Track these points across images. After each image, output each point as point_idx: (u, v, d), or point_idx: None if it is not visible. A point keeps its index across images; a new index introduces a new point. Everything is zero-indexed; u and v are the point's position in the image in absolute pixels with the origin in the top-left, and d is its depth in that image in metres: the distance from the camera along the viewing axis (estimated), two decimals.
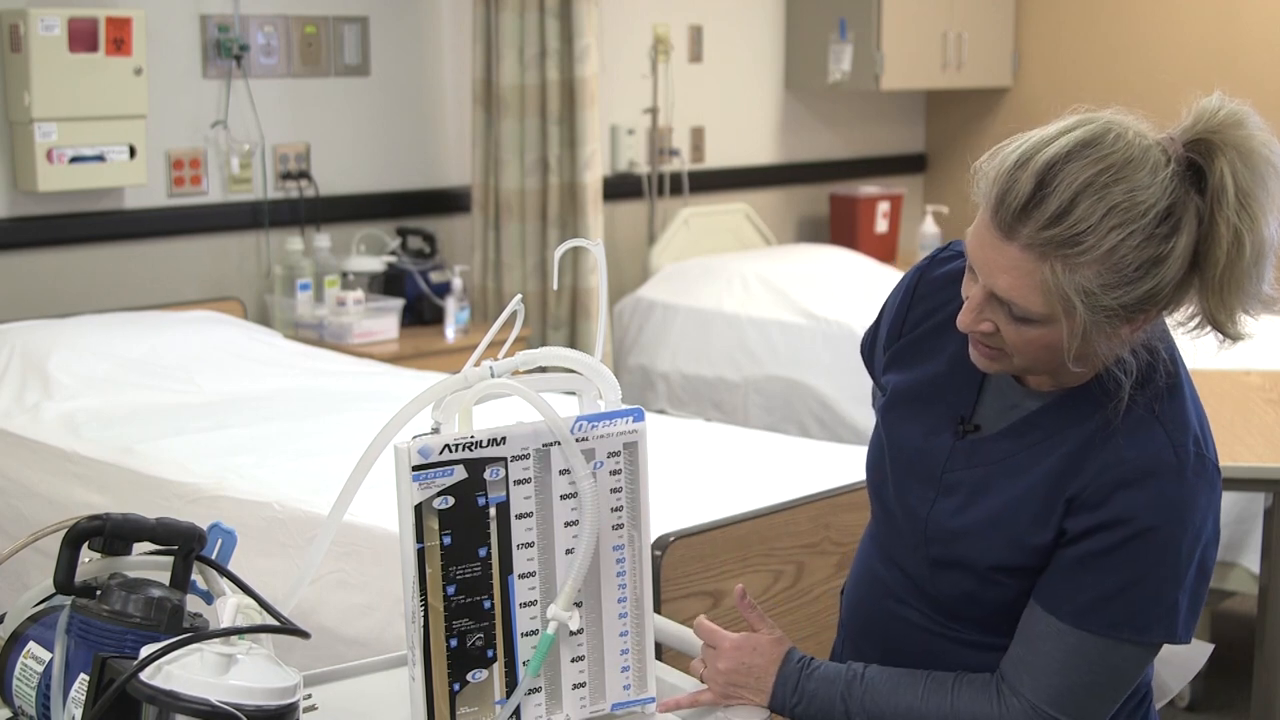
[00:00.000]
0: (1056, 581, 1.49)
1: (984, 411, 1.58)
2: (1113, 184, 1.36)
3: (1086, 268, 1.37)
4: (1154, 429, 1.46)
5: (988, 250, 1.42)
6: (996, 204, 1.41)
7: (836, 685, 1.58)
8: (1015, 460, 1.52)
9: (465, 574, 1.41)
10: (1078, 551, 1.47)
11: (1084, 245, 1.36)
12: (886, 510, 1.65)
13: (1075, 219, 1.36)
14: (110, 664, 1.25)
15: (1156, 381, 1.48)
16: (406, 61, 4.89)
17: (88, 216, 4.23)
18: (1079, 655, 1.47)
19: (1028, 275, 1.39)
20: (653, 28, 5.48)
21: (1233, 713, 3.58)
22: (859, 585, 1.72)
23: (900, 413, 1.63)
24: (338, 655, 2.45)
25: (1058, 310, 1.40)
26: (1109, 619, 1.46)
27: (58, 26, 3.93)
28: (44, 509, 3.20)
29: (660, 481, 1.73)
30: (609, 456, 1.47)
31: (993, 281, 1.43)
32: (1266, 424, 3.01)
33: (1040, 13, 6.21)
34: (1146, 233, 1.36)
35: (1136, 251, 1.36)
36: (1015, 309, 1.42)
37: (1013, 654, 1.52)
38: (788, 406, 4.87)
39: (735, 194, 5.85)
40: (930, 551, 1.57)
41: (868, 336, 1.77)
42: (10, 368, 3.67)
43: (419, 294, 4.71)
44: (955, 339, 1.60)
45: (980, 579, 1.54)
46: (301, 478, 2.93)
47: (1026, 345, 1.45)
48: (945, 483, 1.57)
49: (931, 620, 1.60)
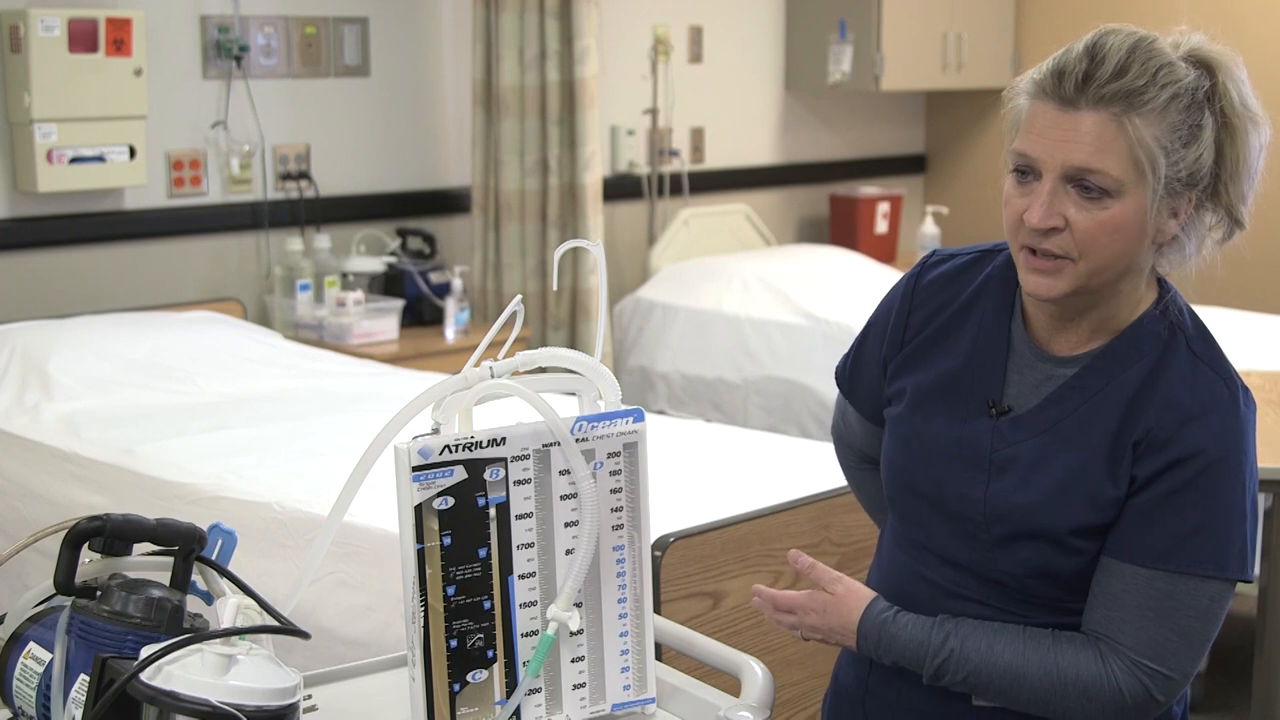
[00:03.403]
0: (1133, 530, 1.50)
1: (1013, 392, 1.59)
2: (1152, 50, 1.47)
3: (1152, 123, 1.45)
4: (1199, 367, 1.52)
5: (1054, 130, 1.47)
6: (1054, 82, 1.48)
7: (927, 643, 1.58)
8: (1067, 424, 1.54)
9: (465, 574, 1.41)
10: (1152, 495, 1.49)
11: (1146, 97, 1.45)
12: (924, 509, 1.63)
13: (1134, 74, 1.45)
14: (110, 664, 1.24)
15: (1185, 324, 1.54)
16: (406, 62, 4.89)
17: (88, 217, 4.24)
18: (1169, 599, 1.49)
19: (1102, 136, 1.45)
20: (653, 28, 5.48)
21: (1233, 713, 3.58)
22: (896, 594, 1.66)
23: (927, 410, 1.64)
24: (338, 656, 2.45)
25: (1131, 175, 1.45)
26: (1192, 555, 1.48)
27: (58, 27, 3.93)
28: (44, 510, 3.20)
29: (660, 482, 1.73)
30: (609, 457, 1.47)
31: (1067, 156, 1.46)
32: (1266, 424, 3.01)
33: (1040, 13, 6.22)
34: (1187, 98, 1.46)
35: (1184, 114, 1.46)
36: (1093, 179, 1.46)
37: (1098, 616, 1.53)
38: (788, 407, 4.87)
39: (735, 195, 5.85)
40: (993, 532, 1.57)
41: (844, 363, 1.77)
42: (10, 368, 3.67)
43: (419, 295, 4.71)
44: (970, 331, 1.61)
45: (1056, 546, 1.54)
46: (301, 478, 2.93)
47: (1099, 231, 1.47)
48: (996, 461, 1.57)
49: (997, 608, 1.59)
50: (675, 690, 1.57)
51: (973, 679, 1.56)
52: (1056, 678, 1.53)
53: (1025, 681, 1.54)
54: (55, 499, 3.19)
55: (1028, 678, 1.54)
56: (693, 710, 1.54)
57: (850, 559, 2.68)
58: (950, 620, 1.59)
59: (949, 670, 1.57)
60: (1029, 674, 1.54)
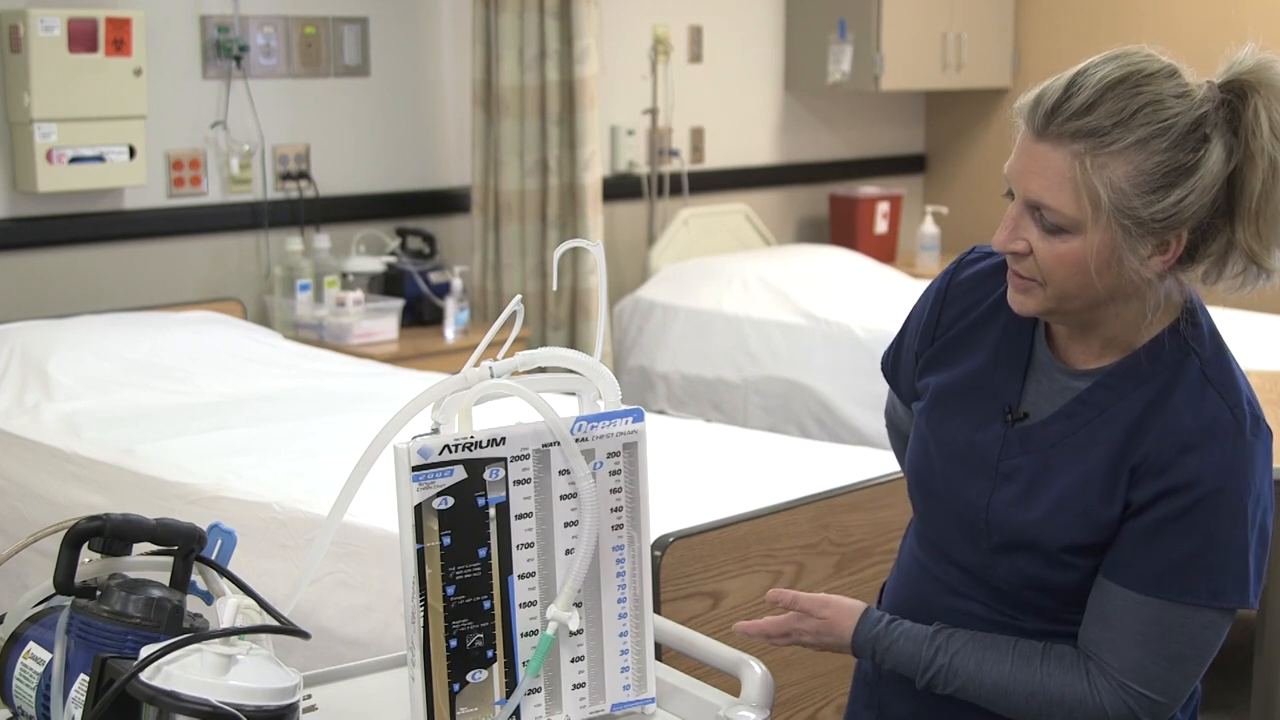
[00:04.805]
0: (1127, 553, 1.49)
1: (1030, 399, 1.58)
2: (1142, 86, 1.40)
3: (1116, 164, 1.39)
4: (1207, 391, 1.48)
5: (1022, 157, 1.45)
6: (1031, 111, 1.44)
7: (919, 656, 1.59)
8: (1073, 440, 1.53)
9: (465, 574, 1.41)
10: (1146, 521, 1.48)
11: (1111, 138, 1.39)
12: (938, 508, 1.65)
13: (1103, 113, 1.40)
14: (110, 664, 1.24)
15: (1203, 345, 1.51)
16: (406, 62, 4.89)
17: (87, 217, 4.24)
18: (1158, 624, 1.48)
19: (1057, 172, 1.42)
20: (653, 28, 5.48)
21: (1233, 713, 3.58)
22: (907, 587, 1.72)
23: (945, 410, 1.64)
24: (338, 656, 2.45)
25: (1086, 212, 1.41)
26: (1183, 585, 1.47)
27: (57, 27, 3.93)
28: (44, 510, 3.20)
29: (660, 482, 1.73)
30: (609, 457, 1.47)
31: (1025, 185, 1.45)
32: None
33: (1040, 13, 6.21)
34: (1174, 138, 1.39)
35: (1165, 155, 1.39)
36: (1047, 214, 1.43)
37: (1091, 635, 1.53)
38: (787, 407, 4.87)
39: (735, 194, 5.85)
40: (993, 540, 1.57)
41: (889, 352, 1.78)
42: (10, 368, 3.67)
43: (419, 294, 4.71)
44: (994, 333, 1.61)
45: (1050, 561, 1.54)
46: (301, 478, 2.93)
47: (1058, 264, 1.45)
48: (1002, 471, 1.57)
49: (995, 611, 1.60)
50: (675, 690, 1.57)
51: (962, 693, 1.58)
52: (1043, 697, 1.54)
53: (1012, 699, 1.56)
54: (55, 499, 3.19)
55: (1014, 696, 1.55)
56: (693, 710, 1.54)
57: (850, 559, 2.68)
58: (944, 633, 1.60)
59: (939, 684, 1.59)
60: (1015, 692, 1.55)
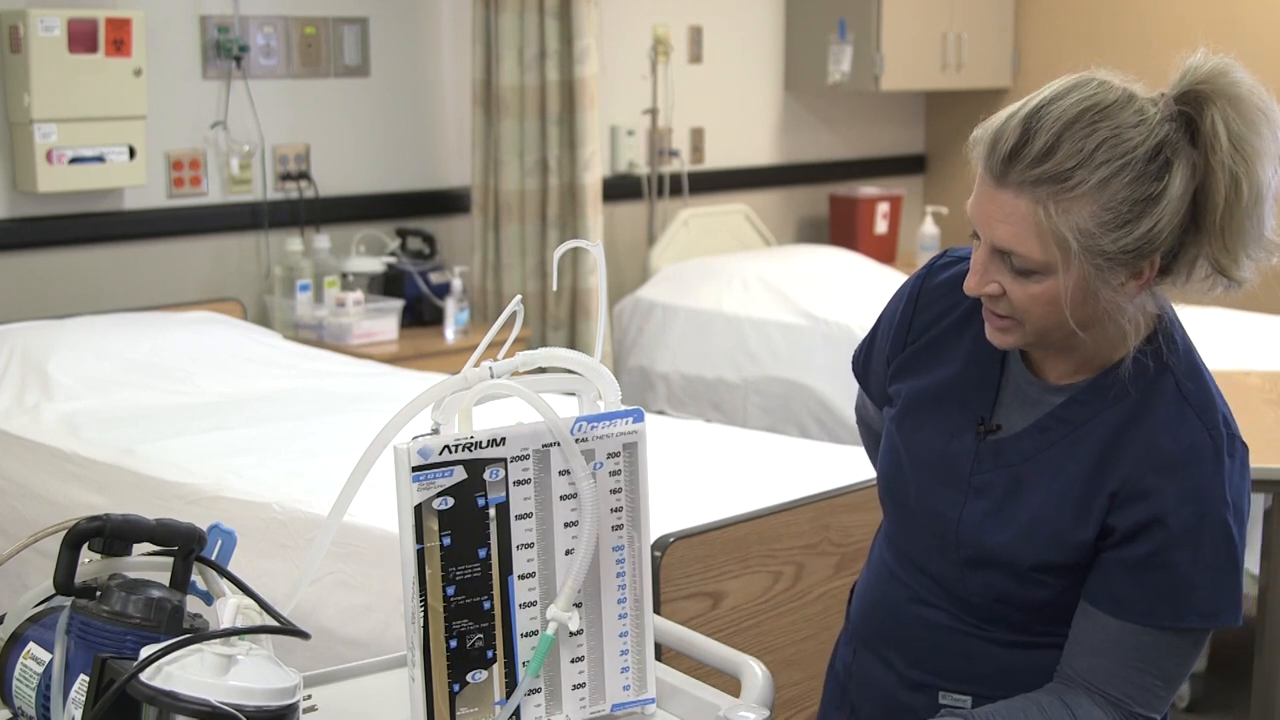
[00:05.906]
0: (1117, 586, 1.48)
1: (1003, 412, 1.57)
2: (1098, 121, 1.38)
3: (1080, 206, 1.38)
4: (1185, 411, 1.47)
5: (984, 203, 1.43)
6: (988, 154, 1.42)
7: None
8: (1046, 455, 1.52)
9: (465, 575, 1.41)
10: (1134, 553, 1.47)
11: (1073, 181, 1.37)
12: (908, 516, 1.63)
13: (1062, 155, 1.37)
14: (110, 665, 1.24)
15: (1178, 360, 1.49)
16: (406, 62, 4.89)
17: (87, 217, 4.23)
18: (1155, 650, 1.48)
19: (1022, 219, 1.40)
20: (653, 28, 5.48)
21: (1232, 713, 3.58)
22: (875, 590, 1.70)
23: (917, 418, 1.62)
24: (338, 656, 2.45)
25: (1055, 256, 1.40)
26: (1179, 611, 1.47)
27: (57, 27, 3.93)
28: (44, 510, 3.20)
29: (660, 482, 1.73)
30: (609, 457, 1.47)
31: (992, 233, 1.43)
32: (1266, 425, 3.01)
33: (1040, 13, 6.21)
34: (1137, 170, 1.37)
35: (1129, 188, 1.37)
36: (1015, 260, 1.42)
37: (1084, 665, 1.51)
38: (787, 407, 4.87)
39: (735, 195, 5.85)
40: (963, 554, 1.56)
41: (860, 351, 1.76)
42: (10, 368, 3.67)
43: (419, 295, 4.71)
44: (968, 342, 1.59)
45: (1019, 578, 1.53)
46: (301, 478, 2.93)
47: (1032, 303, 1.44)
48: (974, 485, 1.56)
49: (962, 621, 1.59)
50: (675, 690, 1.57)
51: None
52: None
53: None
54: (55, 499, 3.19)
55: None
56: (693, 710, 1.54)
57: (850, 559, 2.68)
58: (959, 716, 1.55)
59: None
60: None
